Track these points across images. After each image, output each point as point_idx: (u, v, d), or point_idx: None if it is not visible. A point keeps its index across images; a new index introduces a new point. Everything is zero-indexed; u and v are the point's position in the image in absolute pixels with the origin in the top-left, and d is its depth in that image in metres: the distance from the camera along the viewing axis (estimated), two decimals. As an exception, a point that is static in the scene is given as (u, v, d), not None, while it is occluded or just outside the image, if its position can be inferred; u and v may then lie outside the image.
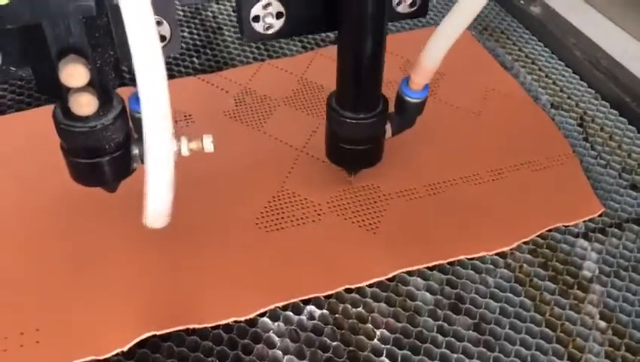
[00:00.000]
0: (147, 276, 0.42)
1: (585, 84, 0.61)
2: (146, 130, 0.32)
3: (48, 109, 0.58)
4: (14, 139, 0.52)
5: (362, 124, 0.43)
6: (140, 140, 0.38)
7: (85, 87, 0.32)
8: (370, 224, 0.47)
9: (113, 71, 0.34)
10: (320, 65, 0.62)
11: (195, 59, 0.62)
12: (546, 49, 0.66)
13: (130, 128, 0.38)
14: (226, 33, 0.66)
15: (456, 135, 0.55)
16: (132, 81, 0.31)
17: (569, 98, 0.59)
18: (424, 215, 0.47)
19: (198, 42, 0.65)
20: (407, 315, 0.41)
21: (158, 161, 0.33)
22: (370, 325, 0.40)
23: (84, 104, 0.33)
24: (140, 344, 0.38)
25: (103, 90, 0.34)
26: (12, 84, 0.59)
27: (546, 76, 0.62)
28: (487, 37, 0.67)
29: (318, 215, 0.47)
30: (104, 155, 0.37)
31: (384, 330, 0.40)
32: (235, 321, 0.40)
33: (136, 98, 0.37)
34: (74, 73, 0.31)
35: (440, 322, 0.41)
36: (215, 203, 0.47)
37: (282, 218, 0.47)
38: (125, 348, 0.38)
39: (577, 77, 0.62)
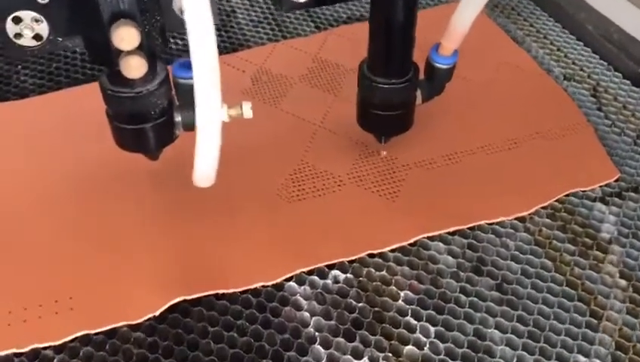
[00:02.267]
0: (176, 244, 0.43)
1: (597, 57, 0.61)
2: (199, 96, 0.33)
3: (69, 92, 0.61)
4: (37, 123, 0.54)
5: (394, 89, 0.44)
6: (182, 107, 0.39)
7: (136, 50, 0.33)
8: (389, 193, 0.47)
9: (160, 36, 0.35)
10: (334, 44, 0.63)
11: (210, 42, 0.63)
12: (557, 24, 0.66)
13: (172, 95, 0.39)
14: (240, 16, 0.67)
15: (471, 107, 0.55)
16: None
17: (581, 70, 0.60)
18: (443, 183, 0.48)
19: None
20: (429, 278, 0.42)
21: (209, 126, 0.34)
22: (393, 287, 0.41)
23: (135, 66, 0.33)
24: (171, 309, 0.39)
25: (150, 54, 0.35)
26: (33, 70, 0.60)
27: (558, 50, 0.63)
28: (499, 14, 0.68)
29: (338, 185, 0.48)
30: (149, 121, 0.38)
31: (408, 292, 0.41)
32: (263, 286, 0.41)
33: (180, 65, 0.38)
34: (126, 36, 0.32)
35: (462, 283, 0.42)
36: (238, 176, 0.48)
37: (303, 189, 0.48)
38: (157, 313, 0.39)
39: (589, 50, 0.62)
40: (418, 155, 0.51)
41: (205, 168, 0.36)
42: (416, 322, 0.39)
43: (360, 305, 0.40)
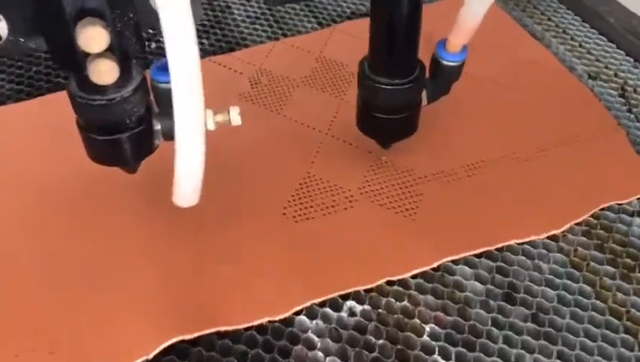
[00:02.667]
0: (169, 275, 0.38)
1: (622, 52, 0.57)
2: (177, 102, 0.29)
3: (48, 99, 0.56)
4: (13, 131, 0.48)
5: (398, 90, 0.40)
6: (162, 114, 0.35)
7: (105, 52, 0.29)
8: (407, 209, 0.43)
9: (134, 35, 0.30)
10: (338, 42, 0.58)
11: (204, 40, 0.58)
12: (577, 17, 0.62)
13: (151, 101, 0.35)
14: (236, 12, 0.62)
15: (490, 110, 0.51)
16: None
17: (606, 68, 0.56)
18: (465, 197, 0.44)
19: (206, 22, 0.60)
20: (457, 308, 0.37)
21: (189, 136, 0.30)
22: (417, 320, 0.37)
23: (105, 71, 0.29)
24: (167, 350, 0.35)
25: (123, 57, 0.31)
26: (10, 73, 0.54)
27: (580, 45, 0.58)
28: (513, 7, 0.63)
29: (350, 202, 0.43)
30: (124, 131, 0.34)
31: (433, 325, 0.37)
32: (270, 321, 0.36)
33: (158, 67, 0.34)
34: (94, 36, 0.28)
35: (494, 314, 0.37)
36: (238, 193, 0.44)
37: (311, 206, 0.43)
38: (150, 356, 0.34)
39: (613, 45, 0.58)
40: (436, 166, 0.46)
41: (186, 186, 0.32)
42: (444, 362, 0.35)
43: (380, 342, 0.36)
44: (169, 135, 0.35)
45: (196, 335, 0.35)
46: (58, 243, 0.40)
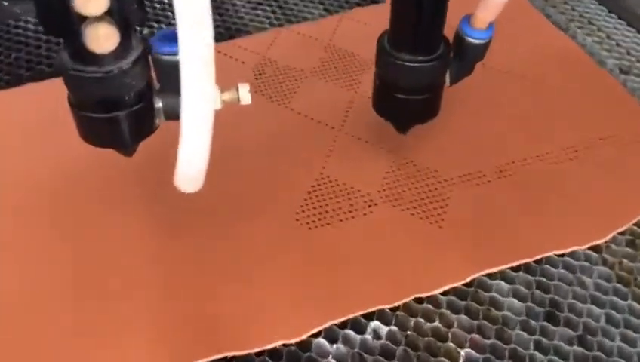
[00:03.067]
0: (170, 293, 0.34)
1: (654, 45, 0.53)
2: (185, 76, 0.26)
3: (30, 89, 0.51)
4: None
5: (421, 68, 0.36)
6: (164, 90, 0.32)
7: (104, 15, 0.25)
8: (433, 216, 0.39)
9: (135, 1, 0.27)
10: (348, 30, 0.53)
11: (202, 26, 0.53)
12: (602, 8, 0.57)
13: (151, 76, 0.32)
14: (236, -4, 0.57)
15: (517, 106, 0.46)
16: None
17: (638, 61, 0.52)
18: (496, 203, 0.39)
19: (203, 6, 0.55)
20: (494, 329, 0.33)
21: (197, 116, 0.27)
22: (451, 344, 0.33)
23: (105, 37, 0.26)
24: (166, 380, 0.30)
25: (123, 23, 0.27)
26: (-14, 60, 0.49)
27: (608, 37, 0.54)
28: (534, -5, 0.59)
29: (369, 206, 0.39)
30: (122, 108, 0.30)
31: (470, 350, 0.32)
32: (284, 345, 0.32)
33: (162, 36, 0.30)
34: None
35: (536, 336, 0.33)
36: (245, 199, 0.39)
37: (327, 211, 0.39)
38: (147, 386, 0.30)
39: (643, 37, 0.54)
40: (463, 167, 0.42)
41: (191, 169, 0.29)
42: (485, 393, 0.31)
43: (411, 369, 0.32)
44: (172, 113, 0.32)
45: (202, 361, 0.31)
46: (42, 255, 0.36)
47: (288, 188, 0.40)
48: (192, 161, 0.29)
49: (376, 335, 0.33)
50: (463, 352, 0.32)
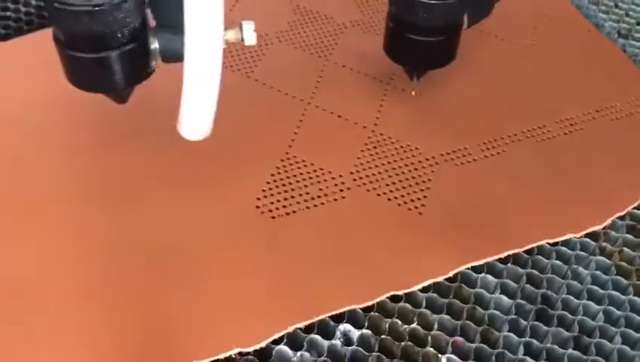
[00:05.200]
0: (105, 296, 0.29)
1: (655, 6, 0.49)
2: (190, 10, 0.24)
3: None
4: None
5: (439, 7, 0.34)
6: (160, 30, 0.30)
7: None
8: (412, 201, 0.34)
9: None
10: (321, -10, 0.48)
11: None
12: (599, -36, 0.53)
13: (146, 13, 0.29)
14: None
15: (509, 75, 0.42)
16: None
17: (638, 24, 0.47)
18: (482, 185, 0.35)
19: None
20: (480, 330, 0.29)
21: (207, 53, 0.26)
22: (431, 349, 0.29)
23: None
24: (102, 398, 0.26)
25: None
26: None
27: (605, -2, 0.50)
28: (525, -49, 0.54)
29: (341, 190, 0.35)
30: (114, 47, 0.28)
31: (452, 355, 0.29)
32: (240, 354, 0.28)
33: None
34: None
35: (526, 338, 0.29)
36: (198, 183, 0.34)
37: (292, 197, 0.34)
38: (80, 406, 0.26)
39: (643, -2, 0.50)
40: (446, 144, 0.37)
41: (200, 114, 0.28)
42: (469, 407, 0.27)
43: (385, 380, 0.28)
44: (170, 54, 0.30)
45: (142, 376, 0.27)
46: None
47: (248, 171, 0.35)
48: (201, 107, 0.27)
49: (347, 339, 0.29)
50: (444, 358, 0.28)
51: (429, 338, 0.29)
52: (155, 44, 0.30)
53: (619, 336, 0.30)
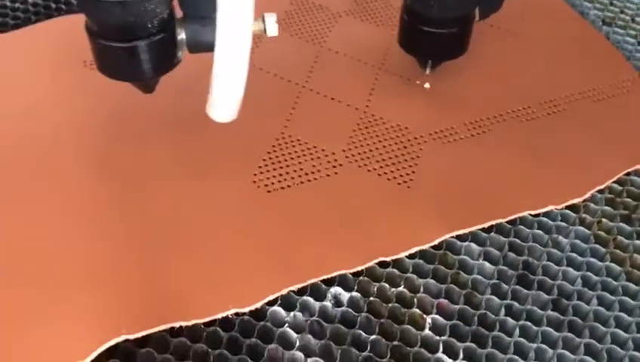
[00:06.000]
0: (116, 263, 0.31)
1: (639, -4, 0.50)
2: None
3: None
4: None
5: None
6: (187, 20, 0.31)
7: None
8: (402, 176, 0.36)
9: None
10: (317, -18, 0.50)
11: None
12: (585, -44, 0.55)
13: (173, 5, 0.31)
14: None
15: (496, 60, 0.44)
16: None
17: (622, 12, 0.49)
18: (468, 161, 0.37)
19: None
20: (463, 294, 0.31)
21: (237, 41, 0.27)
22: (416, 310, 0.30)
23: None
24: (109, 353, 0.28)
25: None
26: None
27: (591, -12, 0.51)
28: (514, -56, 0.56)
29: (333, 167, 0.36)
30: (144, 37, 0.29)
31: (436, 316, 0.30)
32: (237, 314, 0.30)
33: None
34: None
35: (507, 301, 0.31)
36: (197, 160, 0.36)
37: (287, 173, 0.36)
38: (87, 361, 0.27)
39: (628, -12, 0.51)
40: (434, 123, 0.39)
41: (230, 98, 0.30)
42: (451, 361, 0.29)
43: (373, 338, 0.29)
44: (196, 44, 0.31)
45: (145, 333, 0.28)
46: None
47: (246, 149, 0.37)
48: (229, 90, 0.29)
49: (337, 302, 0.31)
50: (429, 319, 0.30)
51: (415, 300, 0.31)
52: (182, 35, 0.31)
53: (595, 299, 0.31)
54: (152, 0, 0.28)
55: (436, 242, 0.33)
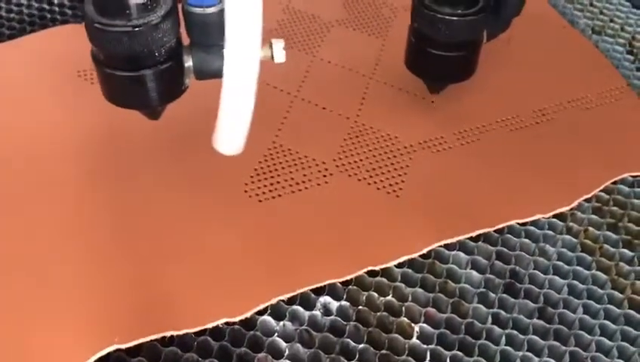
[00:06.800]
0: (107, 272, 0.32)
1: (628, 4, 0.51)
2: (231, 27, 0.26)
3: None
4: None
5: (461, 23, 0.35)
6: (195, 48, 0.31)
7: None
8: (391, 185, 0.36)
9: None
10: (309, -9, 0.51)
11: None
12: (576, -35, 0.55)
13: (181, 33, 0.30)
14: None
15: (484, 68, 0.44)
16: None
17: (611, 21, 0.49)
18: (457, 170, 0.37)
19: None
20: (451, 302, 0.32)
21: (244, 70, 0.27)
22: (404, 319, 0.31)
23: None
24: (99, 363, 0.28)
25: None
26: None
27: (581, -4, 0.52)
28: (506, -47, 0.56)
29: (324, 176, 0.37)
30: (150, 66, 0.29)
31: (424, 325, 0.31)
32: (227, 323, 0.30)
33: None
34: None
35: (494, 309, 0.31)
36: (190, 169, 0.37)
37: (278, 182, 0.36)
38: (79, 370, 0.28)
39: (617, -4, 0.52)
40: (423, 133, 0.39)
41: (235, 129, 0.29)
42: (438, 370, 0.29)
43: (361, 347, 0.30)
44: (203, 72, 0.31)
45: (136, 342, 0.29)
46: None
47: (237, 158, 0.37)
48: (236, 123, 0.29)
49: (327, 311, 0.31)
50: (416, 327, 0.31)
51: (403, 309, 0.31)
52: (189, 62, 0.31)
53: (581, 307, 0.32)
54: (159, 29, 0.28)
55: (424, 251, 0.33)
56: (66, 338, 0.29)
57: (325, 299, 0.31)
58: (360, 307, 0.31)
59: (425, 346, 0.30)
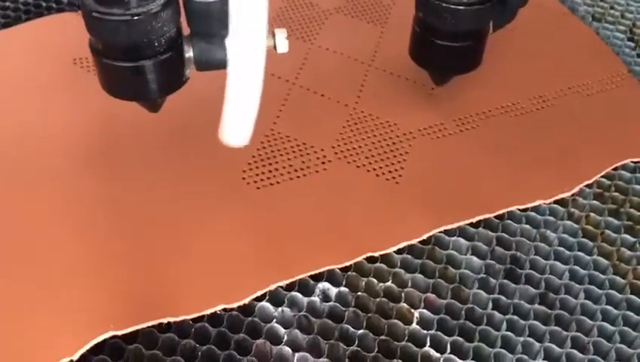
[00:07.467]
0: (104, 258, 0.31)
1: (629, -9, 0.51)
2: (236, 15, 0.25)
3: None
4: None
5: (467, 12, 0.34)
6: (195, 38, 0.30)
7: None
8: (390, 172, 0.36)
9: None
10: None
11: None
12: (575, -48, 0.55)
13: (180, 22, 0.29)
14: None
15: (485, 56, 0.43)
16: None
17: (612, 8, 0.49)
18: (457, 157, 0.37)
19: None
20: (451, 288, 0.31)
21: (251, 59, 0.27)
22: (404, 304, 0.31)
23: None
24: (97, 349, 0.28)
25: None
26: None
27: (581, -16, 0.51)
28: (505, -59, 0.56)
29: (322, 163, 0.37)
30: (149, 56, 0.28)
31: (424, 310, 0.30)
32: (225, 310, 0.30)
33: None
34: None
35: (495, 295, 0.31)
36: (187, 157, 0.36)
37: (276, 169, 0.36)
38: (75, 357, 0.27)
39: (618, -17, 0.51)
40: (423, 120, 0.39)
41: (242, 121, 0.29)
42: (438, 355, 0.29)
43: (360, 332, 0.29)
44: (205, 63, 0.30)
45: (133, 329, 0.29)
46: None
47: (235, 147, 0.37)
48: (242, 113, 0.28)
49: (325, 297, 0.31)
50: (416, 313, 0.30)
51: (403, 294, 0.31)
52: (189, 53, 0.30)
53: (582, 292, 0.31)
54: (159, 18, 0.27)
55: (424, 237, 0.33)
56: (62, 324, 0.28)
57: (324, 285, 0.31)
58: (359, 293, 0.31)
59: (425, 332, 0.30)
